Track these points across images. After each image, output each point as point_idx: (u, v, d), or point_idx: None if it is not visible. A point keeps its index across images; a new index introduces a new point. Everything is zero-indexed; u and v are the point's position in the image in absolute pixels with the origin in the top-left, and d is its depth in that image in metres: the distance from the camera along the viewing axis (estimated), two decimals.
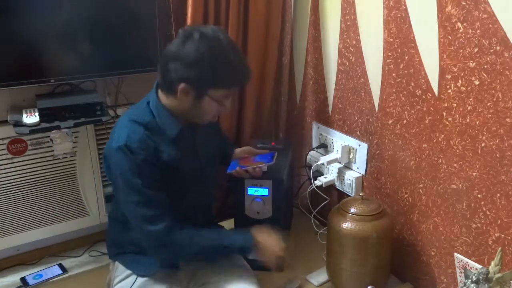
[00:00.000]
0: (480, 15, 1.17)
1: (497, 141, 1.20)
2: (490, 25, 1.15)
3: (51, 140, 1.63)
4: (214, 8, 1.65)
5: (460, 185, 1.32)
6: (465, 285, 1.15)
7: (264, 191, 1.52)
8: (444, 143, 1.34)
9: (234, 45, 1.29)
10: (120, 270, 1.45)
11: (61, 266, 1.73)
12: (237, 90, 1.33)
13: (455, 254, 1.37)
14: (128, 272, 1.43)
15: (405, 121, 1.46)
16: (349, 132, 1.71)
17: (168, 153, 1.31)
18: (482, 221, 1.28)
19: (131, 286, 1.39)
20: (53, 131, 1.59)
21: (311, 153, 1.89)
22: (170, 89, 1.28)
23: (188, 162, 1.37)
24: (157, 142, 1.30)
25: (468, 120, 1.26)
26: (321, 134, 1.85)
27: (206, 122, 1.37)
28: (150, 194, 1.28)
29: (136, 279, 1.41)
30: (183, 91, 1.25)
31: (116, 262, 1.48)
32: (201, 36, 1.22)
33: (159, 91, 1.34)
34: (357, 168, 1.70)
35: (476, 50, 1.20)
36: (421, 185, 1.45)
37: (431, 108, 1.36)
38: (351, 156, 1.71)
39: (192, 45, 1.21)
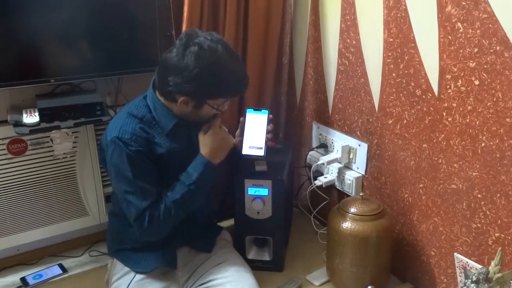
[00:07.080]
0: (480, 15, 1.17)
1: (497, 141, 1.20)
2: (490, 25, 1.15)
3: (51, 140, 1.63)
4: (213, 8, 1.65)
5: (460, 185, 1.32)
6: (465, 285, 1.15)
7: (264, 191, 1.52)
8: (444, 143, 1.34)
9: (232, 55, 1.29)
10: (118, 268, 1.46)
11: (61, 266, 1.72)
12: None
13: (455, 254, 1.37)
14: (126, 269, 1.44)
15: (405, 121, 1.46)
16: (349, 132, 1.71)
17: (163, 145, 1.34)
18: (482, 221, 1.28)
19: (129, 284, 1.40)
20: (53, 131, 1.59)
21: (311, 153, 1.89)
22: (170, 98, 1.33)
23: (185, 155, 1.38)
24: (151, 135, 1.34)
25: (468, 120, 1.26)
26: (321, 134, 1.85)
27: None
28: (141, 186, 1.30)
29: (134, 276, 1.41)
30: (183, 102, 1.30)
31: (115, 260, 1.49)
32: (200, 48, 1.24)
33: (157, 92, 1.36)
34: (357, 168, 1.70)
35: (476, 50, 1.20)
36: (421, 185, 1.45)
37: (431, 108, 1.36)
38: (351, 156, 1.71)
39: (191, 58, 1.24)
